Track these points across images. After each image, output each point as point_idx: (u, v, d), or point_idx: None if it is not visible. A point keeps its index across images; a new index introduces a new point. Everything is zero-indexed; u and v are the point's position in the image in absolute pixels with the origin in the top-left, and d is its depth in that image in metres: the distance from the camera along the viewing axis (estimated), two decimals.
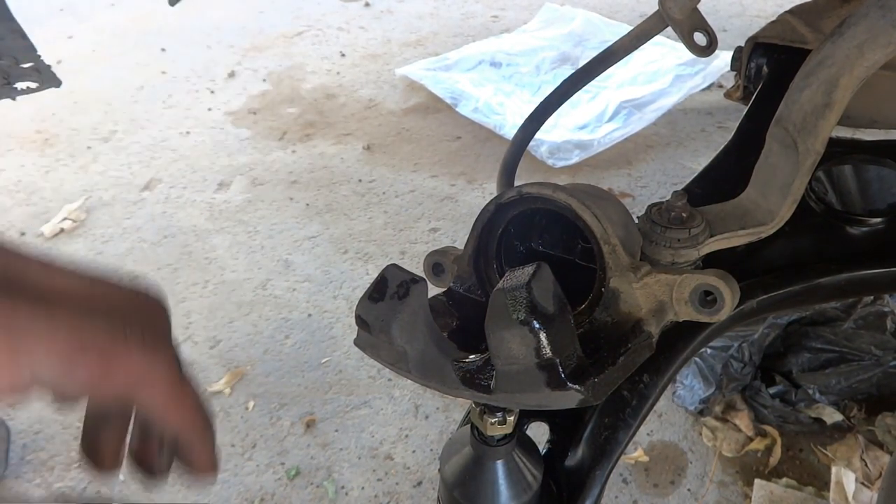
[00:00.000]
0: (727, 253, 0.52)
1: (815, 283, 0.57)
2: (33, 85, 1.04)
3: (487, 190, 2.43)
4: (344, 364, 1.82)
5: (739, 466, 1.50)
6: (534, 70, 2.98)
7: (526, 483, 0.50)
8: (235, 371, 1.82)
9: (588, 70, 0.71)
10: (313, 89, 3.16)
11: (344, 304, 2.00)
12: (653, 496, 1.46)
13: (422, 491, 1.52)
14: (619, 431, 0.53)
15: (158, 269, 2.20)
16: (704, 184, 0.68)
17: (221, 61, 3.46)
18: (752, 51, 0.85)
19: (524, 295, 0.38)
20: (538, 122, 0.77)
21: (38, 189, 2.61)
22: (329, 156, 2.68)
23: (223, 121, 2.97)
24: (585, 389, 0.39)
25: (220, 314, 2.00)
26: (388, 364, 0.44)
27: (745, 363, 1.57)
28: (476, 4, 3.86)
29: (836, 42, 0.43)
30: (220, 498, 1.54)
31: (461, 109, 2.76)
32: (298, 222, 2.35)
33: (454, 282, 0.54)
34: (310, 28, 3.75)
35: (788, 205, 0.48)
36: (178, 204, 2.49)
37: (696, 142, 2.58)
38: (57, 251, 2.30)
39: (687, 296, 0.46)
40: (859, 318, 1.57)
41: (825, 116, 0.44)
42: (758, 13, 3.47)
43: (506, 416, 0.48)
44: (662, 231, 0.49)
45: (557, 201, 0.47)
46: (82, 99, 3.19)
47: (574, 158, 2.43)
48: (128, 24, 3.92)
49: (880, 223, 0.60)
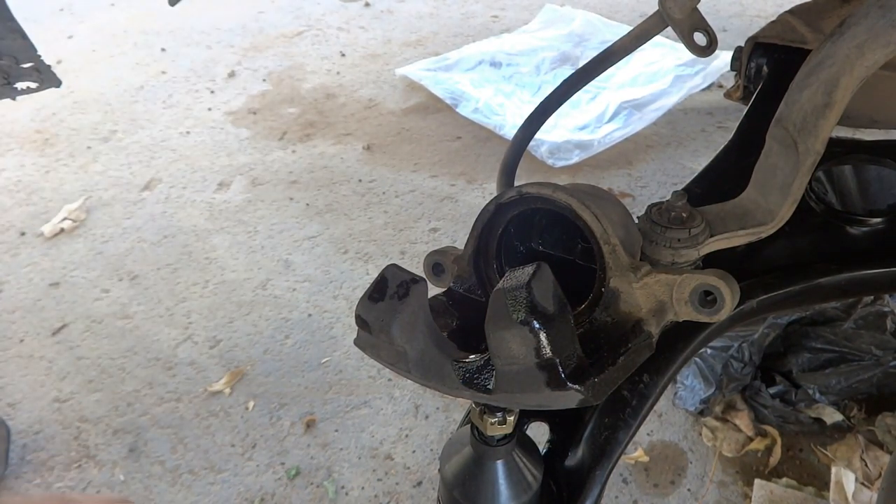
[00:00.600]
0: (727, 253, 0.52)
1: (815, 283, 0.57)
2: (33, 85, 1.04)
3: (487, 190, 2.43)
4: (344, 364, 1.82)
5: (739, 466, 1.50)
6: (534, 70, 2.98)
7: (526, 483, 0.50)
8: (235, 371, 1.82)
9: (588, 70, 0.71)
10: (313, 89, 3.16)
11: (344, 304, 2.00)
12: (653, 496, 1.46)
13: (422, 491, 1.52)
14: (619, 431, 0.53)
15: (158, 269, 2.20)
16: (704, 184, 0.68)
17: (221, 61, 3.46)
18: (752, 51, 0.85)
19: (524, 295, 0.38)
20: (538, 122, 0.77)
21: (38, 189, 2.61)
22: (329, 156, 2.68)
23: (223, 121, 2.97)
24: (585, 389, 0.39)
25: (220, 314, 2.01)
26: (388, 364, 0.44)
27: (745, 363, 1.57)
28: (476, 4, 3.86)
29: (836, 42, 0.43)
30: (220, 498, 1.54)
31: (461, 110, 2.76)
32: (298, 222, 2.35)
33: (454, 282, 0.54)
34: (310, 28, 3.75)
35: (788, 205, 0.48)
36: (178, 204, 2.49)
37: (696, 142, 2.58)
38: (57, 251, 2.30)
39: (687, 296, 0.46)
40: (859, 318, 1.57)
41: (825, 116, 0.44)
42: (758, 13, 3.47)
43: (506, 416, 0.48)
44: (662, 231, 0.49)
45: (557, 201, 0.47)
46: (82, 99, 3.19)
47: (574, 158, 2.43)
48: (128, 23, 3.92)
49: (880, 223, 0.60)
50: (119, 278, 2.17)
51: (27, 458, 1.64)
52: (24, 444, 1.67)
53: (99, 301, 2.09)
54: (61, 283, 2.17)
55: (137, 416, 1.73)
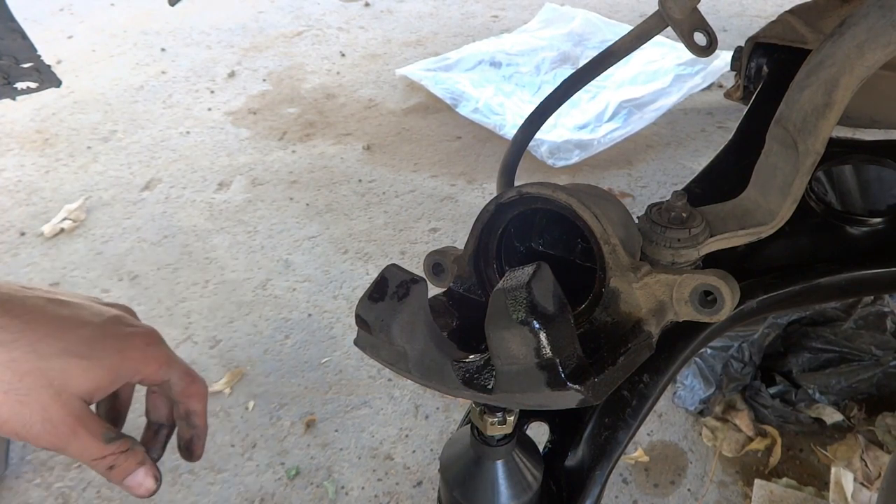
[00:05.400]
0: (727, 253, 0.52)
1: (815, 283, 0.57)
2: (33, 85, 1.04)
3: (487, 190, 2.43)
4: (344, 364, 1.82)
5: (739, 466, 1.50)
6: (534, 70, 2.98)
7: (526, 483, 0.50)
8: (235, 371, 1.82)
9: (588, 70, 0.71)
10: (313, 89, 3.16)
11: (344, 304, 2.00)
12: (653, 496, 1.46)
13: (422, 491, 1.52)
14: (619, 431, 0.53)
15: (158, 269, 2.20)
16: (704, 184, 0.68)
17: (221, 61, 3.46)
18: (752, 51, 0.85)
19: (524, 295, 0.38)
20: (538, 122, 0.77)
21: (38, 189, 2.61)
22: (329, 156, 2.68)
23: (223, 121, 2.97)
24: (585, 389, 0.39)
25: (220, 314, 2.00)
26: (388, 364, 0.44)
27: (745, 363, 1.57)
28: (476, 4, 3.86)
29: (836, 42, 0.43)
30: (220, 498, 1.54)
31: (461, 109, 2.76)
32: (298, 222, 2.35)
33: (454, 282, 0.54)
34: (310, 28, 3.75)
35: (788, 205, 0.48)
36: (178, 204, 2.49)
37: (696, 142, 2.58)
38: (57, 251, 2.30)
39: (687, 296, 0.46)
40: (859, 318, 1.57)
41: (825, 116, 0.44)
42: (758, 13, 3.47)
43: (506, 416, 0.48)
44: (662, 231, 0.49)
45: (557, 201, 0.47)
46: (82, 99, 3.19)
47: (574, 158, 2.43)
48: (128, 23, 3.92)
49: (880, 223, 0.60)
50: (119, 278, 2.17)
51: (27, 458, 1.64)
52: (24, 444, 1.67)
53: None
54: (61, 283, 2.17)
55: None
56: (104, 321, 0.54)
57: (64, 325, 0.51)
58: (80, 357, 0.50)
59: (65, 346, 0.50)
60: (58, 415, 0.48)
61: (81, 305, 0.54)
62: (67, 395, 0.49)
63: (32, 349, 0.48)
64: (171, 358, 0.58)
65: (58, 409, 0.48)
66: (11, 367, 0.47)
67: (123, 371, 0.53)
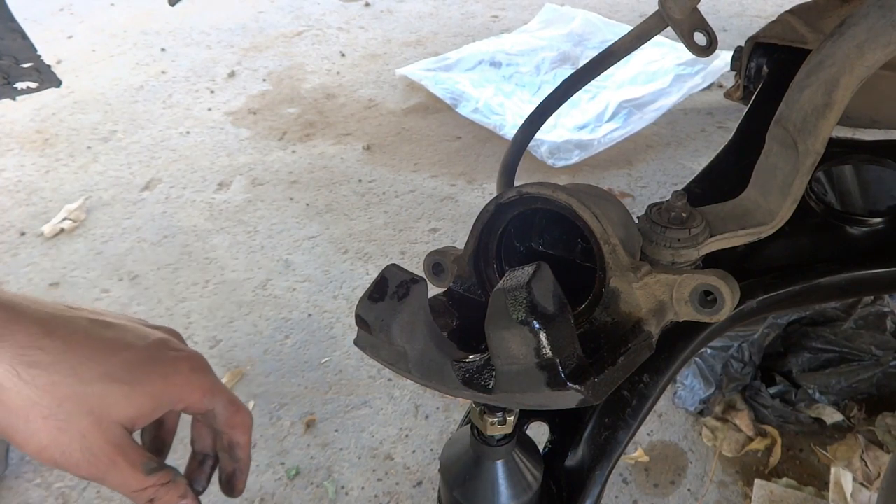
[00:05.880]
0: (727, 253, 0.52)
1: (815, 283, 0.57)
2: (33, 85, 1.04)
3: (487, 190, 2.43)
4: (344, 364, 1.82)
5: (739, 466, 1.50)
6: (534, 70, 2.98)
7: (526, 483, 0.50)
8: (235, 371, 1.82)
9: (588, 70, 0.71)
10: (313, 89, 3.16)
11: (344, 304, 2.00)
12: (653, 496, 1.46)
13: (422, 491, 1.52)
14: (619, 431, 0.53)
15: (158, 269, 2.20)
16: (704, 184, 0.68)
17: (221, 61, 3.46)
18: (752, 51, 0.85)
19: (524, 295, 0.38)
20: (538, 122, 0.76)
21: (38, 189, 2.61)
22: (329, 156, 2.68)
23: (223, 121, 2.97)
24: (585, 389, 0.39)
25: (220, 314, 2.00)
26: (388, 364, 0.44)
27: (745, 363, 1.57)
28: (476, 4, 3.86)
29: (836, 42, 0.43)
30: (220, 498, 1.53)
31: (461, 109, 2.76)
32: (298, 222, 2.35)
33: (454, 282, 0.54)
34: (310, 28, 3.75)
35: (788, 205, 0.48)
36: (178, 204, 2.49)
37: (696, 142, 2.58)
38: (57, 251, 2.30)
39: (687, 296, 0.46)
40: (859, 318, 1.57)
41: (825, 116, 0.44)
42: (758, 13, 3.47)
43: (506, 416, 0.48)
44: (662, 231, 0.49)
45: (557, 201, 0.47)
46: (82, 99, 3.19)
47: (574, 158, 2.43)
48: (128, 23, 3.92)
49: (880, 223, 0.60)
50: (119, 278, 2.17)
51: (27, 458, 1.64)
52: None
53: (99, 301, 2.09)
54: (61, 282, 2.17)
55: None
56: (148, 345, 0.51)
57: (107, 348, 0.48)
58: (122, 382, 0.47)
59: (106, 370, 0.47)
60: (97, 443, 0.46)
61: (126, 328, 0.52)
62: (108, 423, 0.47)
63: (73, 373, 0.46)
64: (217, 386, 0.54)
65: (97, 437, 0.46)
66: (51, 391, 0.45)
67: (166, 398, 0.50)
